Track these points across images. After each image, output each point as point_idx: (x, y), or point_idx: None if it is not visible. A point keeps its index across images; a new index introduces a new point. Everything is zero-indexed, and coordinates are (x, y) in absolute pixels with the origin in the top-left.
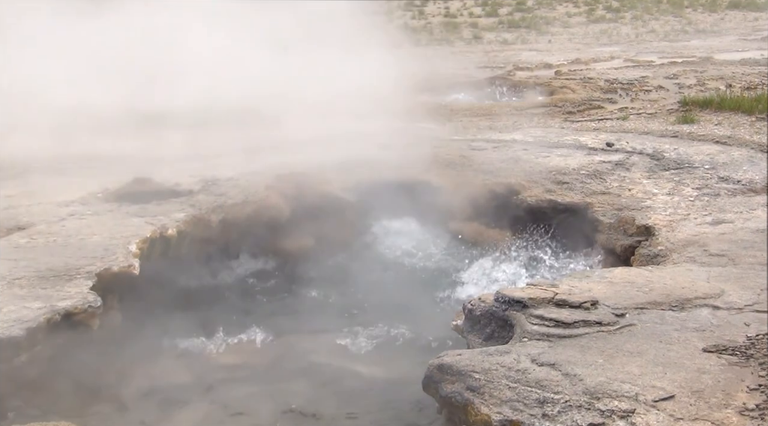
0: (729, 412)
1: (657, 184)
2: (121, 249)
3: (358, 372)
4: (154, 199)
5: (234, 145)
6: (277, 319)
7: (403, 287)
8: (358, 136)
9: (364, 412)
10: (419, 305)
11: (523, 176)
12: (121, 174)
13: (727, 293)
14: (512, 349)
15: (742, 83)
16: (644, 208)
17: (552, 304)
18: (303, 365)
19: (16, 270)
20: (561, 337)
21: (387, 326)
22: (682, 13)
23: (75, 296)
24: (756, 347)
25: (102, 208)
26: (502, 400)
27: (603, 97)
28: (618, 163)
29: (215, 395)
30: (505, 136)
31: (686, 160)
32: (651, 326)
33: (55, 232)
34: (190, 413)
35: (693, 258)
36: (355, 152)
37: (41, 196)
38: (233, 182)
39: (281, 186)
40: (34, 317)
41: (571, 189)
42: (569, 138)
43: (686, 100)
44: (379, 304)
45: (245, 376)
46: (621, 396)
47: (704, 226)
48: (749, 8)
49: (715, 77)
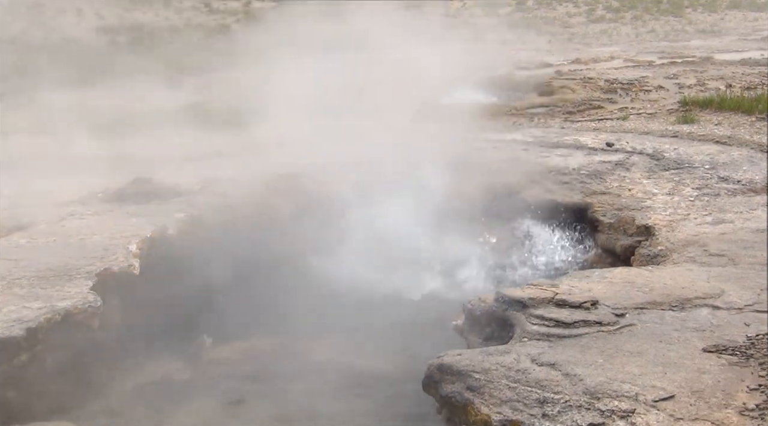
0: (729, 412)
1: (657, 184)
2: (121, 249)
3: (358, 370)
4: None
5: None
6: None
7: None
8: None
9: (365, 411)
10: None
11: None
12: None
13: (727, 293)
14: (512, 349)
15: (742, 83)
16: (644, 208)
17: (552, 304)
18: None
19: (16, 270)
20: (561, 337)
21: None
22: (682, 13)
23: (75, 296)
24: (756, 347)
25: (102, 208)
26: (502, 400)
27: (603, 97)
28: (618, 163)
29: (215, 395)
30: (505, 136)
31: (686, 160)
32: (651, 326)
33: (55, 232)
34: (190, 413)
35: (693, 258)
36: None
37: (41, 196)
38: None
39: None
40: (34, 317)
41: (571, 189)
42: (569, 138)
43: (686, 100)
44: None
45: (245, 374)
46: (621, 396)
47: (704, 226)
48: (749, 8)
49: (715, 77)
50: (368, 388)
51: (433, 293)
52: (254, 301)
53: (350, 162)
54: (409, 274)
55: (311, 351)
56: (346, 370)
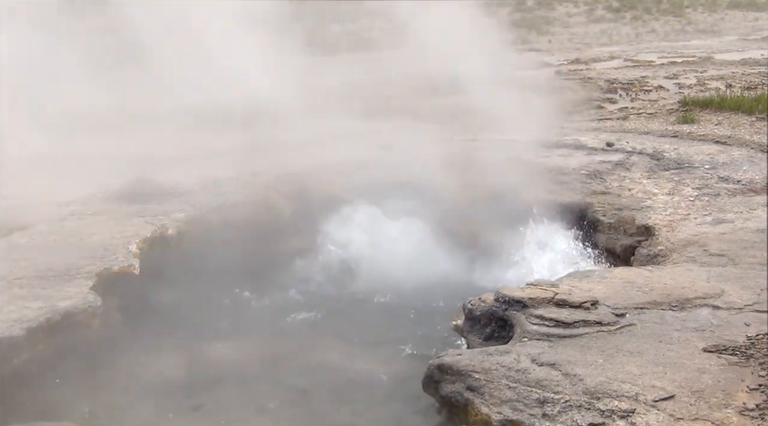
0: (729, 412)
1: (657, 184)
2: (121, 249)
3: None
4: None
5: None
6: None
7: None
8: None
9: (364, 411)
10: None
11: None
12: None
13: (727, 293)
14: (512, 348)
15: (742, 83)
16: (644, 208)
17: (552, 304)
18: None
19: (16, 270)
20: (561, 336)
21: None
22: (682, 13)
23: (75, 296)
24: (756, 347)
25: (102, 208)
26: (502, 400)
27: (603, 97)
28: (618, 163)
29: (215, 394)
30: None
31: (686, 160)
32: (651, 326)
33: (55, 232)
34: (191, 413)
35: (693, 258)
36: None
37: (41, 196)
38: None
39: None
40: (34, 317)
41: (571, 189)
42: (569, 138)
43: (686, 100)
44: None
45: (246, 374)
46: (621, 396)
47: (704, 226)
48: (749, 8)
49: (715, 77)
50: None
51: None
52: (254, 302)
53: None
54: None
55: (311, 351)
56: (347, 370)
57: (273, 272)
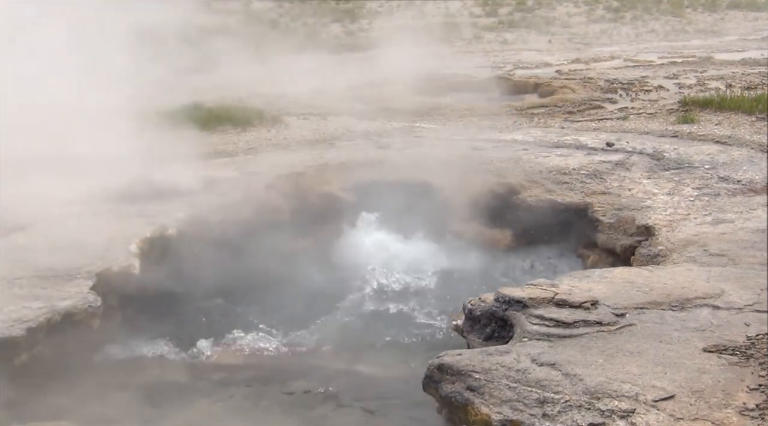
0: (729, 412)
1: (657, 184)
2: (121, 249)
3: (358, 371)
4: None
5: None
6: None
7: None
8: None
9: (364, 411)
10: None
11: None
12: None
13: (727, 293)
14: (512, 349)
15: (742, 83)
16: (644, 208)
17: (552, 304)
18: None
19: (16, 270)
20: (561, 336)
21: None
22: (682, 13)
23: (75, 296)
24: (756, 347)
25: (102, 208)
26: (502, 400)
27: (603, 97)
28: (618, 163)
29: (215, 395)
30: (505, 135)
31: (686, 160)
32: (651, 326)
33: (55, 232)
34: (190, 414)
35: (693, 258)
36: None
37: (41, 196)
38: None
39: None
40: (34, 317)
41: (571, 189)
42: (568, 138)
43: (686, 100)
44: None
45: (246, 376)
46: (621, 396)
47: (704, 226)
48: (749, 8)
49: (715, 77)
50: (368, 388)
51: None
52: (254, 301)
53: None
54: None
55: (311, 351)
56: (346, 370)
57: (273, 272)
